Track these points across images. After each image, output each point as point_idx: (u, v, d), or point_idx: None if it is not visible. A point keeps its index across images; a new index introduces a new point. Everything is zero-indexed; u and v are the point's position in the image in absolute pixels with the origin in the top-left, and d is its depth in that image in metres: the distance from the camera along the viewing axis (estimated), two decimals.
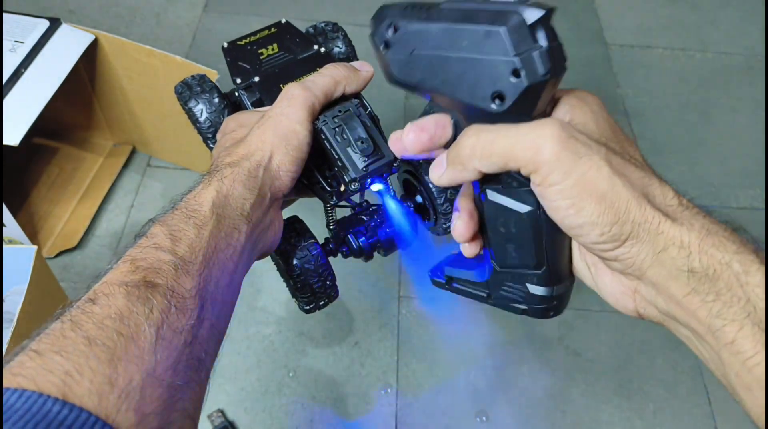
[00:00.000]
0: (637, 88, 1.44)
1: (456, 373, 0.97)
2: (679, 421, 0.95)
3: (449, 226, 0.48)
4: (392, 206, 0.48)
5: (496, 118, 0.30)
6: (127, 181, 1.16)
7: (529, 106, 0.30)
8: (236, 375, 0.94)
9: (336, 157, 0.43)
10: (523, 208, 0.32)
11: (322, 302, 0.49)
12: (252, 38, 0.54)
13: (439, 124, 0.34)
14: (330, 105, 0.45)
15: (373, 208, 0.51)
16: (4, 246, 0.74)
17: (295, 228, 0.47)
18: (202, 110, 0.51)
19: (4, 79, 0.87)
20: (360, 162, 0.42)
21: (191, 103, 0.51)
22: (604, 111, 0.32)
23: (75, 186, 1.13)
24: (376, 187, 0.46)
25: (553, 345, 1.02)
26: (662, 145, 1.33)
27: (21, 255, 0.73)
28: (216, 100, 0.51)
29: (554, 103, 0.32)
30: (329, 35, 0.54)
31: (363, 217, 0.50)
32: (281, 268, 0.49)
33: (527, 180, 0.30)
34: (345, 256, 0.50)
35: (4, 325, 0.77)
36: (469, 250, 0.37)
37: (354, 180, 0.42)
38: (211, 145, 0.53)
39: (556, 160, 0.28)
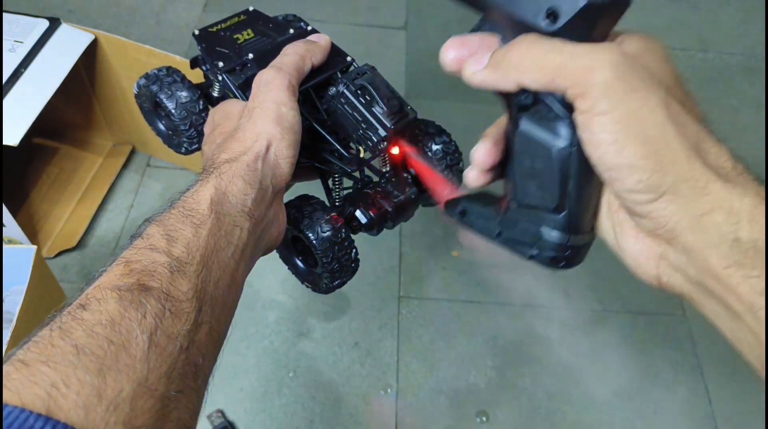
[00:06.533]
0: None
1: (456, 373, 0.97)
2: (679, 421, 0.95)
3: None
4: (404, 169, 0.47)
5: None
6: (126, 181, 1.16)
7: (583, 30, 0.28)
8: (236, 375, 0.94)
9: (361, 118, 0.42)
10: (557, 143, 0.29)
11: (347, 276, 0.48)
12: (223, 25, 0.52)
13: (483, 44, 0.31)
14: (306, 80, 0.44)
15: (375, 181, 0.50)
16: (4, 246, 0.74)
17: (311, 204, 0.46)
18: (176, 101, 0.49)
19: (4, 79, 0.87)
20: (388, 120, 0.42)
21: (162, 95, 0.49)
22: (671, 61, 0.29)
23: (75, 186, 1.13)
24: (395, 149, 0.45)
25: (553, 345, 1.02)
26: None
27: (21, 255, 0.73)
28: (189, 88, 0.49)
29: (619, 41, 0.29)
30: (293, 24, 0.53)
31: (367, 190, 0.49)
32: (295, 249, 0.48)
33: (568, 109, 0.28)
34: (355, 231, 0.49)
35: (4, 325, 0.77)
36: (477, 178, 0.34)
37: (384, 138, 0.42)
38: (185, 140, 0.51)
39: (608, 88, 0.26)
